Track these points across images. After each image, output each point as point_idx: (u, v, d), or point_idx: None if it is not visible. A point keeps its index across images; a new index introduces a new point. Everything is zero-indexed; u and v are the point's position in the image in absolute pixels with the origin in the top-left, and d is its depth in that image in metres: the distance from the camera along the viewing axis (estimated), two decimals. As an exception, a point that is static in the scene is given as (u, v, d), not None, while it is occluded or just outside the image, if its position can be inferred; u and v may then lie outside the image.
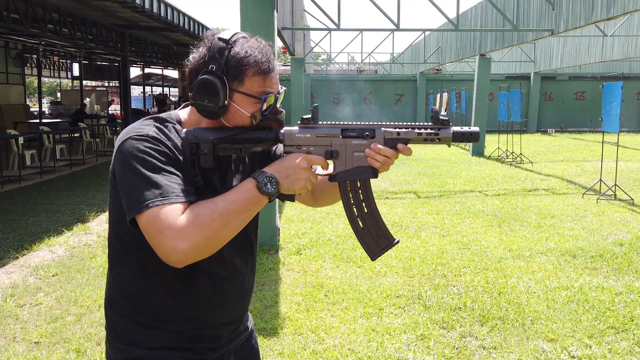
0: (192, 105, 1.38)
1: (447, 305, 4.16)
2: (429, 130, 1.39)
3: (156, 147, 1.28)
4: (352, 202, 1.44)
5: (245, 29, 5.17)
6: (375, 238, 1.45)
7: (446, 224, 6.81)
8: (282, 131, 1.39)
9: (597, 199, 8.19)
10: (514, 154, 13.45)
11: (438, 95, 20.79)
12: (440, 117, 1.38)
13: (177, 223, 1.20)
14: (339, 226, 6.62)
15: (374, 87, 24.89)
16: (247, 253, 1.53)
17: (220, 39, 1.34)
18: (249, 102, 1.35)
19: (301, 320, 3.90)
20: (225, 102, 1.33)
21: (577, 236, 6.13)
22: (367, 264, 5.14)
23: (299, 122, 1.40)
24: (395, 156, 1.38)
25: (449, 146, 1.51)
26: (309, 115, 1.40)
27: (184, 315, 1.41)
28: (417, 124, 1.40)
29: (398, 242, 1.46)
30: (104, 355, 1.51)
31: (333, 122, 1.40)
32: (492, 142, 16.07)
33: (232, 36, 1.35)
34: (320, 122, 1.40)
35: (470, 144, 15.07)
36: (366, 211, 1.44)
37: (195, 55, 1.37)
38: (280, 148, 1.58)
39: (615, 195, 8.25)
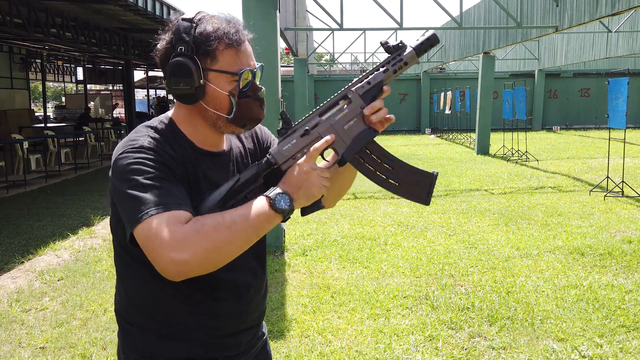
0: (173, 98, 1.33)
1: (455, 306, 4.12)
2: (392, 62, 1.32)
3: (151, 157, 1.22)
4: (373, 169, 1.37)
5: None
6: (415, 184, 1.38)
7: (452, 223, 6.77)
8: (269, 155, 1.32)
9: (605, 196, 8.13)
10: (519, 152, 13.39)
11: (442, 94, 20.74)
12: (392, 45, 1.31)
13: (177, 232, 1.13)
14: (344, 227, 6.59)
15: (378, 86, 24.80)
16: (262, 253, 1.48)
17: (184, 19, 1.28)
18: (225, 80, 1.28)
19: (308, 322, 3.87)
20: (201, 81, 1.26)
21: (584, 234, 6.07)
22: (373, 265, 5.10)
23: (279, 137, 1.34)
24: (382, 104, 1.30)
25: (418, 63, 1.44)
26: (281, 125, 1.33)
27: (206, 325, 1.35)
28: (378, 64, 1.34)
29: (437, 173, 1.40)
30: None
31: (307, 115, 1.34)
32: (497, 141, 16.00)
33: (196, 14, 1.29)
34: (294, 123, 1.34)
35: (475, 143, 15.02)
36: (391, 168, 1.37)
37: (162, 42, 1.30)
38: (264, 129, 1.55)
39: (622, 192, 8.18)
